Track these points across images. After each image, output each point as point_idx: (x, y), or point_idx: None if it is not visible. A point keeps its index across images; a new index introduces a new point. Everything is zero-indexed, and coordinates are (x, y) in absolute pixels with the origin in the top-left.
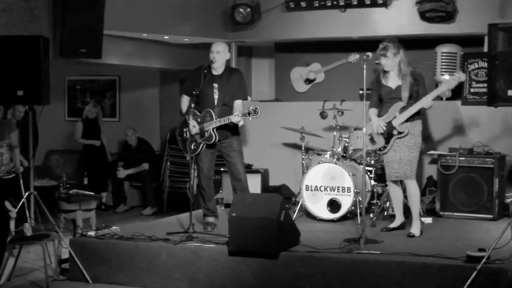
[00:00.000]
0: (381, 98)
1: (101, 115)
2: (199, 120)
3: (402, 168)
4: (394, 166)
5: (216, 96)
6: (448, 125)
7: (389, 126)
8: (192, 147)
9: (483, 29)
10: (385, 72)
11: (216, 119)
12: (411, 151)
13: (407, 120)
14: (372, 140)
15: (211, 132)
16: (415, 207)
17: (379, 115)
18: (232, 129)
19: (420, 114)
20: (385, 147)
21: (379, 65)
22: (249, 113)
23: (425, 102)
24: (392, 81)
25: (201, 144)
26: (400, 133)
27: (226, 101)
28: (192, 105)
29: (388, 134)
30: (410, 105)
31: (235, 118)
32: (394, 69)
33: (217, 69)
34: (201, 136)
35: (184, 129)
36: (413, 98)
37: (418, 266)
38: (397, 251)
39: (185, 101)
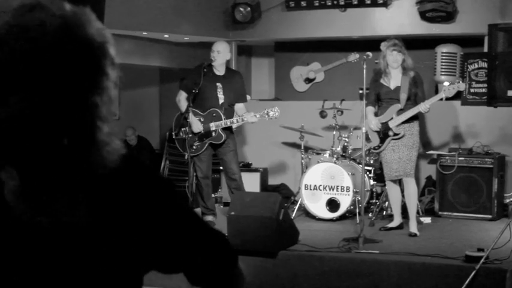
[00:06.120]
0: (379, 98)
1: None
2: (202, 120)
3: (402, 167)
4: (393, 166)
5: (220, 96)
6: (448, 125)
7: (386, 126)
8: (195, 147)
9: (483, 29)
10: (386, 72)
11: (224, 119)
12: (410, 150)
13: (404, 122)
14: (367, 138)
15: (220, 132)
16: (413, 206)
17: (377, 114)
18: (229, 129)
19: (418, 116)
20: (379, 147)
21: (379, 64)
22: (268, 114)
23: (422, 107)
24: (392, 81)
25: (206, 144)
26: (395, 134)
27: (231, 102)
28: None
29: (384, 134)
30: (408, 108)
31: (253, 118)
32: (399, 67)
33: (219, 68)
34: (207, 136)
35: (183, 129)
36: (412, 100)
37: (417, 265)
38: (395, 251)
39: (183, 98)
